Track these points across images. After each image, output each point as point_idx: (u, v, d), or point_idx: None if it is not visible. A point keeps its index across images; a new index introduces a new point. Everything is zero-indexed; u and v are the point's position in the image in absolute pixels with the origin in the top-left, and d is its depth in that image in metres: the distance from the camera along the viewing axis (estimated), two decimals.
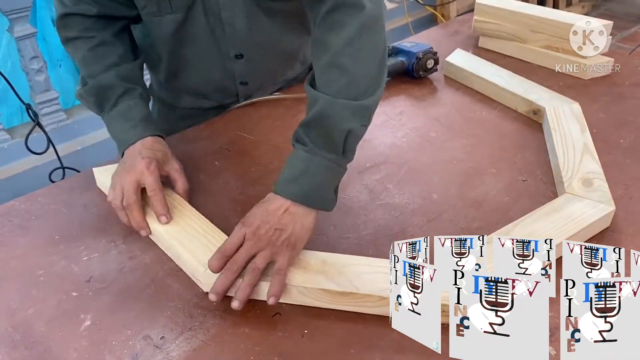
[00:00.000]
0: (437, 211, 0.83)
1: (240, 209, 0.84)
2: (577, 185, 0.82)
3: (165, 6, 0.92)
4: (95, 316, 0.68)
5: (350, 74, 0.73)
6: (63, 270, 0.74)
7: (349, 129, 0.73)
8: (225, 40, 0.96)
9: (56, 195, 0.88)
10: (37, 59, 2.02)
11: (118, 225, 0.81)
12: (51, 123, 2.10)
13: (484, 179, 0.90)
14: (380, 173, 0.92)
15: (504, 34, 1.29)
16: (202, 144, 1.00)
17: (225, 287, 0.66)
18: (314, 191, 0.73)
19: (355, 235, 0.79)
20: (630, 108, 1.07)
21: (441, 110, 1.09)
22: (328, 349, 0.63)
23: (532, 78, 1.14)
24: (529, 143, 0.98)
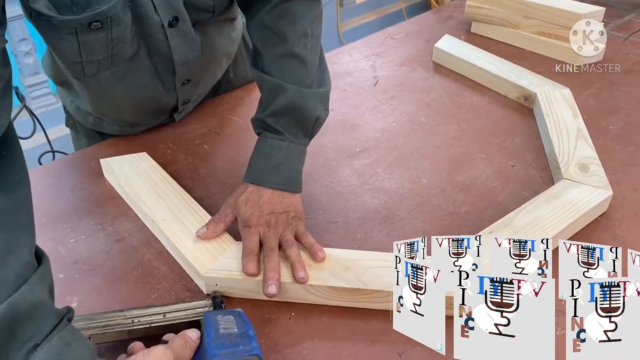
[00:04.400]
0: (426, 195, 0.83)
1: (228, 192, 0.84)
2: (574, 171, 0.82)
3: (105, 64, 0.79)
4: (81, 298, 0.67)
5: (309, 64, 0.78)
6: (49, 253, 0.72)
7: (317, 115, 0.77)
8: (175, 75, 0.87)
9: (43, 178, 0.88)
10: (25, 41, 2.00)
11: (106, 208, 0.81)
12: (41, 106, 2.08)
13: (474, 164, 0.90)
14: (370, 157, 0.92)
15: (496, 20, 1.28)
16: (192, 127, 0.99)
17: (277, 276, 0.65)
18: (293, 176, 0.75)
19: (344, 220, 0.79)
20: (620, 95, 1.08)
21: (432, 96, 1.09)
22: (314, 331, 0.63)
23: (524, 64, 1.14)
24: (519, 128, 0.98)
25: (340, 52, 1.26)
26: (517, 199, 0.81)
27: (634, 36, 1.29)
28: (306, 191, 0.84)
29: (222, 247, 0.70)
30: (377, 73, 1.16)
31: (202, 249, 0.70)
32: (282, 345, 0.61)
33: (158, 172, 0.83)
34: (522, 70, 1.10)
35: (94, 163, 0.90)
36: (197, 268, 0.67)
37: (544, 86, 1.04)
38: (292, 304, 0.66)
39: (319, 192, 0.84)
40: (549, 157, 0.89)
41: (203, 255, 0.69)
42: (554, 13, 1.20)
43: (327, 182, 0.86)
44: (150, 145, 0.94)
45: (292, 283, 0.65)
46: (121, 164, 0.85)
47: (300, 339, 0.62)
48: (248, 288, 0.66)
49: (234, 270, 0.66)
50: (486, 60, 1.14)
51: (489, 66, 1.11)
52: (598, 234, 0.75)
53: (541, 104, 0.98)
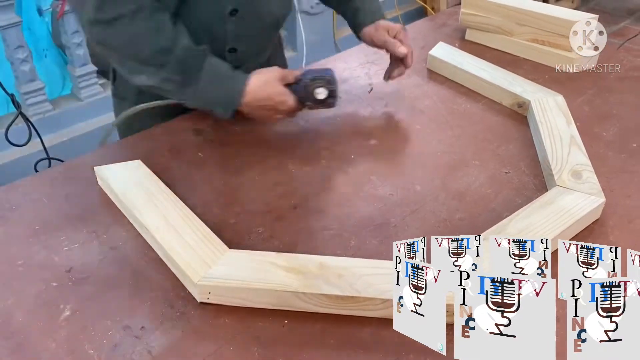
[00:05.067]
0: (420, 202, 0.83)
1: (222, 200, 0.84)
2: (567, 178, 0.82)
3: None
4: (75, 306, 0.67)
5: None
6: (43, 261, 0.74)
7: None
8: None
9: (38, 186, 0.88)
10: (22, 48, 2.00)
11: (100, 216, 0.81)
12: (37, 113, 2.08)
13: (467, 170, 0.90)
14: (364, 164, 0.92)
15: (490, 27, 1.29)
16: (186, 134, 0.99)
17: None
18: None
19: (338, 227, 0.79)
20: (614, 102, 1.08)
21: (426, 103, 1.09)
22: (308, 339, 0.63)
23: (518, 71, 1.14)
24: (512, 135, 0.99)
25: (336, 60, 1.27)
26: (510, 206, 0.81)
27: (628, 42, 1.30)
28: (299, 198, 0.84)
29: (215, 255, 0.70)
30: (372, 80, 1.17)
31: (196, 257, 0.70)
32: (276, 353, 0.61)
33: (152, 180, 0.84)
34: (516, 77, 1.11)
35: (88, 171, 0.90)
36: (191, 276, 0.67)
37: (537, 93, 1.05)
38: (285, 312, 0.66)
39: (312, 199, 0.84)
40: (542, 164, 0.90)
41: (196, 263, 0.69)
42: (548, 21, 1.20)
43: (321, 189, 0.86)
44: (145, 153, 0.94)
45: (284, 291, 0.65)
46: (115, 172, 0.85)
47: (294, 347, 0.62)
48: (242, 296, 0.66)
49: (228, 278, 0.67)
50: (480, 68, 1.14)
51: (482, 73, 1.12)
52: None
53: (534, 111, 0.99)
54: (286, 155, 0.93)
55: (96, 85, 2.26)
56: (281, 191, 0.86)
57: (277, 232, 0.78)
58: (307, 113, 1.03)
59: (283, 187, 0.86)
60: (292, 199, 0.84)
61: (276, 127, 1.01)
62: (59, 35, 2.21)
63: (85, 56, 2.19)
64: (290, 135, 0.99)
